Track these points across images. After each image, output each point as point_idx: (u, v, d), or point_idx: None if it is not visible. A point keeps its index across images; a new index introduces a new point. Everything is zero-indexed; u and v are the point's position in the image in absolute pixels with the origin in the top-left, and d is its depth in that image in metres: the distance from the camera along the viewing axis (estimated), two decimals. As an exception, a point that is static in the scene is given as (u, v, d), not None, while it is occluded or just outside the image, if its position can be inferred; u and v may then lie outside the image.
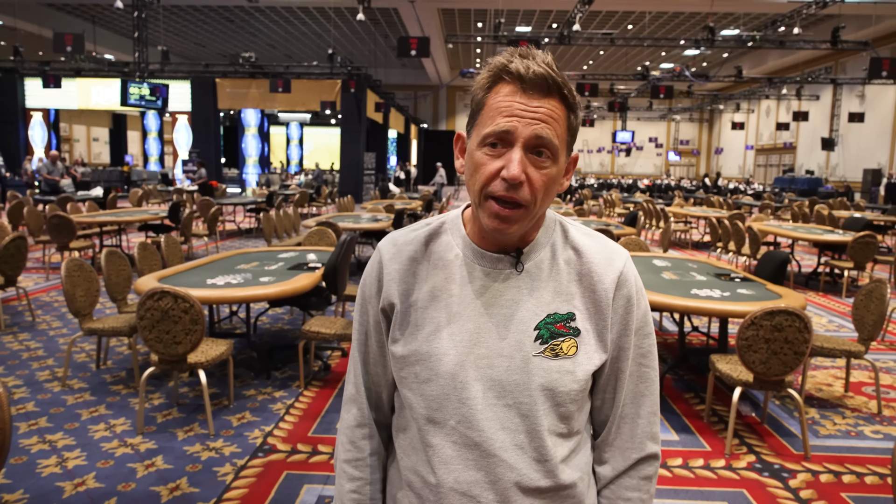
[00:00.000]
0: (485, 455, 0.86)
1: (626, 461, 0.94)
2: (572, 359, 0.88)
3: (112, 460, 2.69)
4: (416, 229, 0.97)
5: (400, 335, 0.91)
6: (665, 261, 4.60)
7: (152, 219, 7.73)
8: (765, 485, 2.61)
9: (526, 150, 0.82)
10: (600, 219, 9.98)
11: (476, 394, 0.86)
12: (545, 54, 0.83)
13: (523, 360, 0.87)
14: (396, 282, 0.92)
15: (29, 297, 5.22)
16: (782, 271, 3.96)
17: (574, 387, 0.88)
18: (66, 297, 3.44)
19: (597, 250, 0.92)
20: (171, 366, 2.96)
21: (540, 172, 0.83)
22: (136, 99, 15.08)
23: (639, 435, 0.95)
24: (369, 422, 0.98)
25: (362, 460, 0.98)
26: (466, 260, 0.91)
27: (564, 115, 0.85)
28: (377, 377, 0.98)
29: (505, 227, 0.83)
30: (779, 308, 2.74)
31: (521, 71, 0.81)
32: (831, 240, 6.87)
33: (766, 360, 2.80)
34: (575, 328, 0.89)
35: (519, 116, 0.81)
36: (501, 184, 0.81)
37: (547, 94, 0.82)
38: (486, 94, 0.85)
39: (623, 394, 0.94)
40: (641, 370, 0.94)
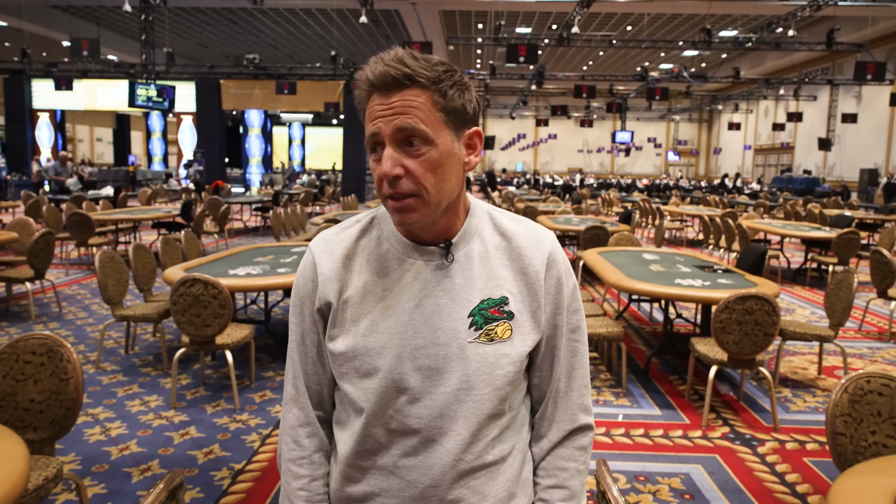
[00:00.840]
0: (423, 441, 0.89)
1: (560, 433, 0.98)
2: (508, 342, 0.90)
3: (150, 430, 3.00)
4: (347, 227, 0.98)
5: (337, 332, 0.92)
6: (654, 255, 4.91)
7: (165, 217, 8.04)
8: (736, 451, 2.92)
9: (396, 144, 0.84)
10: (597, 217, 10.28)
11: (414, 384, 0.88)
12: (397, 49, 0.85)
13: (459, 348, 0.89)
14: (331, 280, 0.93)
15: (56, 290, 5.54)
16: (761, 263, 4.26)
17: (511, 369, 0.90)
18: (100, 286, 3.74)
19: (524, 234, 0.95)
20: (200, 347, 3.26)
21: (417, 160, 0.84)
22: (143, 100, 15.38)
23: (571, 407, 0.98)
24: (312, 420, 0.99)
25: (307, 458, 0.99)
26: (397, 253, 0.93)
27: (427, 98, 0.84)
28: (316, 376, 0.99)
29: (405, 218, 0.85)
30: (749, 293, 3.04)
31: (369, 76, 0.84)
32: (817, 236, 7.18)
33: (739, 341, 3.10)
34: (509, 311, 0.91)
35: (381, 116, 0.84)
36: (385, 184, 0.84)
37: (400, 88, 0.83)
38: (365, 110, 0.88)
39: (559, 370, 0.97)
40: (572, 345, 0.97)
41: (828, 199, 15.83)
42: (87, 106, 21.46)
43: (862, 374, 1.87)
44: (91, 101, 21.07)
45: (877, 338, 4.95)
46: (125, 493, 2.44)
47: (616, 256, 4.74)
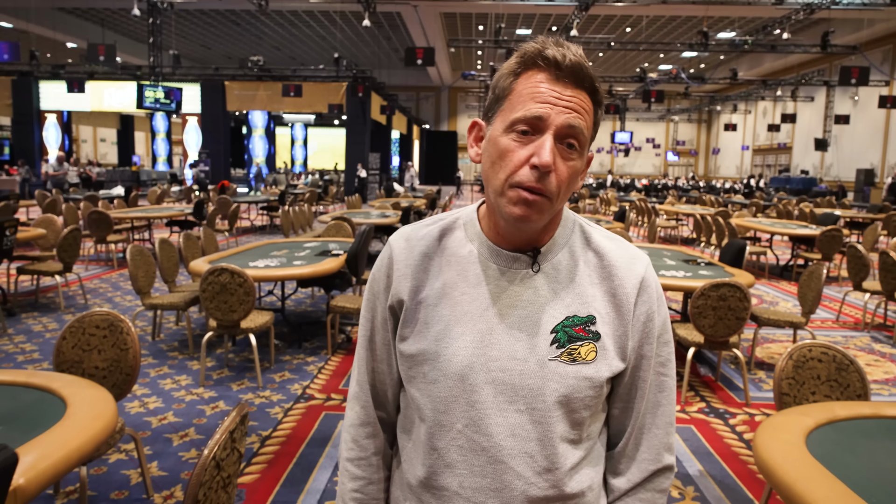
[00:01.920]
0: (492, 461, 0.83)
1: (641, 473, 0.91)
2: (591, 364, 0.84)
3: (183, 403, 3.33)
4: (429, 224, 0.95)
5: (408, 333, 0.89)
6: (643, 249, 5.24)
7: (178, 215, 8.38)
8: (710, 423, 3.25)
9: (556, 139, 0.80)
10: (594, 215, 10.60)
11: (486, 397, 0.83)
12: (577, 46, 0.82)
13: (538, 365, 0.83)
14: (407, 278, 0.90)
15: (83, 283, 5.88)
16: (740, 257, 4.60)
17: (590, 393, 0.84)
18: (131, 277, 4.08)
19: (618, 253, 0.89)
20: (227, 330, 3.60)
21: (566, 164, 0.81)
22: (151, 102, 15.75)
23: (656, 446, 0.91)
24: (373, 420, 0.96)
25: (365, 459, 0.96)
26: (481, 257, 0.88)
27: (592, 110, 0.83)
28: (382, 375, 0.95)
29: (529, 214, 0.80)
30: (723, 282, 3.38)
31: (558, 58, 0.79)
32: (803, 234, 7.51)
33: (714, 325, 3.44)
34: (595, 332, 0.85)
35: (552, 104, 0.79)
36: (530, 172, 0.79)
37: (580, 85, 0.81)
38: (516, 80, 0.82)
39: (642, 404, 0.90)
40: (660, 379, 0.91)
41: (822, 199, 16.15)
42: (94, 107, 21.80)
43: (805, 345, 2.20)
44: (98, 102, 21.41)
45: (852, 327, 5.29)
46: (168, 453, 2.77)
47: (607, 251, 5.07)
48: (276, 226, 12.04)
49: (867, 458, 1.51)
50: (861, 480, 1.38)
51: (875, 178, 22.55)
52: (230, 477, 1.44)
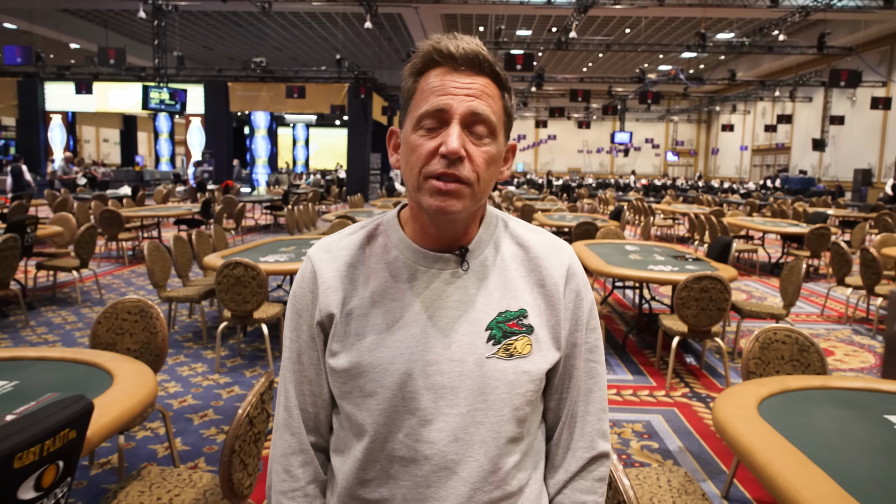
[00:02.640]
0: (436, 469, 0.81)
1: (577, 462, 0.90)
2: (527, 358, 0.84)
3: (201, 388, 3.57)
4: (350, 233, 0.92)
5: (340, 347, 0.85)
6: (635, 246, 5.48)
7: (186, 214, 8.62)
8: (691, 406, 3.48)
9: (463, 126, 0.79)
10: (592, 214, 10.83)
11: (426, 403, 0.81)
12: (473, 36, 0.82)
13: (476, 364, 0.82)
14: (334, 290, 0.86)
15: (98, 278, 6.12)
16: (726, 252, 4.83)
17: (531, 387, 0.84)
18: (148, 271, 4.32)
19: (542, 244, 0.90)
20: (240, 320, 3.84)
21: (480, 149, 0.80)
22: (156, 103, 15.99)
23: (589, 433, 0.91)
24: (306, 447, 0.91)
25: (300, 490, 0.90)
26: (407, 261, 0.86)
27: (498, 94, 0.83)
28: (313, 397, 0.90)
29: (449, 203, 0.79)
30: (705, 274, 3.61)
31: (452, 49, 0.79)
32: (793, 232, 7.74)
33: (697, 315, 3.67)
34: (528, 325, 0.85)
35: (453, 94, 0.79)
36: (441, 161, 0.78)
37: (479, 72, 0.80)
38: (417, 80, 0.82)
39: (575, 392, 0.90)
40: (590, 366, 0.91)
41: (817, 199, 16.38)
42: (99, 108, 22.07)
43: (771, 328, 2.44)
44: (103, 103, 21.67)
45: (835, 321, 5.52)
46: (189, 431, 3.01)
47: (601, 248, 5.30)
48: (279, 225, 12.28)
49: (810, 420, 1.74)
50: (801, 437, 1.61)
51: (872, 178, 22.74)
52: (260, 433, 1.68)
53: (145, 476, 1.81)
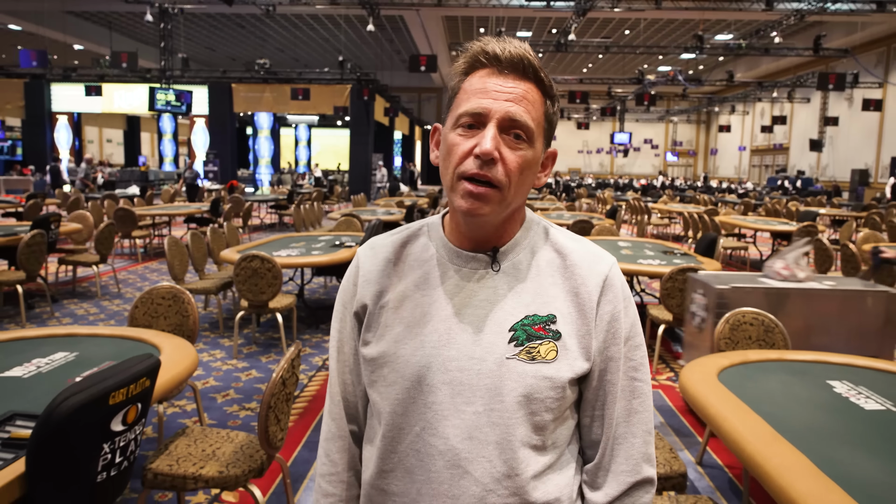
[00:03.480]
0: (449, 466, 0.82)
1: (619, 486, 0.87)
2: (551, 364, 0.82)
3: (221, 372, 3.86)
4: (395, 232, 0.96)
5: (371, 337, 0.89)
6: (627, 243, 5.76)
7: (196, 212, 8.91)
8: (674, 387, 3.77)
9: (500, 129, 0.80)
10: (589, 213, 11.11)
11: (442, 398, 0.82)
12: (522, 41, 0.83)
13: (496, 363, 0.82)
14: (371, 283, 0.90)
15: (116, 273, 6.42)
16: (712, 247, 5.11)
17: (551, 394, 0.82)
18: (168, 265, 4.60)
19: (581, 253, 0.89)
20: (257, 310, 4.12)
21: (515, 153, 0.81)
22: (162, 104, 16.30)
23: (634, 457, 0.88)
24: (344, 434, 0.94)
25: (336, 475, 0.94)
26: (441, 259, 0.89)
27: (541, 100, 0.84)
28: (352, 386, 0.94)
29: (477, 206, 0.81)
30: (687, 266, 3.89)
31: (497, 51, 0.81)
32: (782, 230, 8.02)
33: (681, 304, 3.95)
34: (555, 331, 0.84)
35: (493, 97, 0.80)
36: (474, 161, 0.80)
37: (523, 76, 0.82)
38: (463, 80, 0.85)
39: (615, 410, 0.87)
40: (634, 384, 0.88)
41: (812, 199, 16.65)
42: (105, 109, 22.36)
43: (739, 311, 2.72)
44: (108, 104, 21.96)
45: (818, 313, 5.80)
46: (214, 408, 3.30)
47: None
48: (284, 223, 12.57)
49: (762, 384, 2.03)
50: (752, 397, 1.89)
51: (869, 179, 22.97)
52: (290, 393, 1.97)
53: (189, 433, 2.10)
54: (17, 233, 5.38)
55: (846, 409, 1.82)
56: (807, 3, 15.36)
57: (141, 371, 1.46)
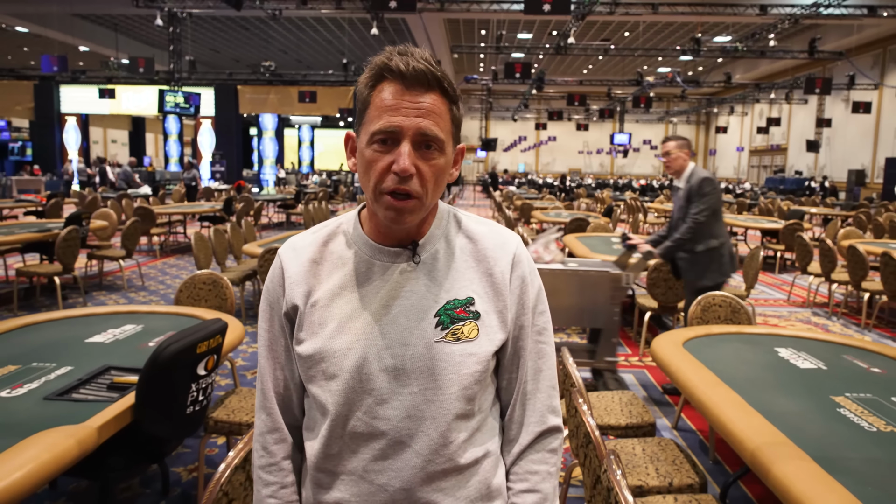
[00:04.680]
0: (391, 443, 0.90)
1: (530, 436, 0.98)
2: (474, 341, 0.91)
3: (247, 353, 4.26)
4: (314, 232, 1.00)
5: (304, 335, 0.93)
6: (619, 238, 6.14)
7: (210, 211, 9.31)
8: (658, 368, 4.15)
9: (413, 144, 0.85)
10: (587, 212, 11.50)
11: (381, 384, 0.90)
12: (423, 51, 0.86)
13: (426, 347, 0.90)
14: (298, 284, 0.94)
15: (140, 266, 6.82)
16: (697, 243, 5.49)
17: (478, 368, 0.91)
18: (195, 257, 5.00)
19: (490, 236, 0.97)
20: (278, 298, 4.52)
21: (429, 164, 0.87)
22: (171, 106, 16.70)
23: (539, 409, 0.99)
24: (280, 426, 1.00)
25: (275, 465, 0.99)
26: (364, 256, 0.94)
27: (447, 108, 0.88)
28: (285, 381, 0.99)
29: (401, 218, 0.88)
30: (671, 258, 4.28)
31: (402, 68, 0.85)
32: (770, 227, 8.40)
33: (665, 293, 4.34)
34: (475, 311, 0.93)
35: (403, 114, 0.85)
36: (393, 178, 0.86)
37: (428, 89, 0.86)
38: (371, 93, 0.88)
39: (525, 371, 0.98)
40: (539, 346, 0.98)
41: (805, 199, 17.04)
42: (113, 110, 22.77)
43: (710, 295, 3.10)
44: (116, 105, 22.37)
45: (798, 305, 6.19)
46: (245, 382, 3.70)
47: (588, 239, 5.98)
48: (291, 222, 12.97)
49: (718, 350, 2.41)
50: (708, 359, 2.27)
51: (865, 179, 23.29)
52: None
53: (238, 392, 2.49)
54: (50, 229, 5.78)
55: (784, 367, 2.21)
56: (800, 9, 15.74)
57: (216, 329, 1.85)
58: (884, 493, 1.32)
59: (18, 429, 1.52)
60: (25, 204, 9.77)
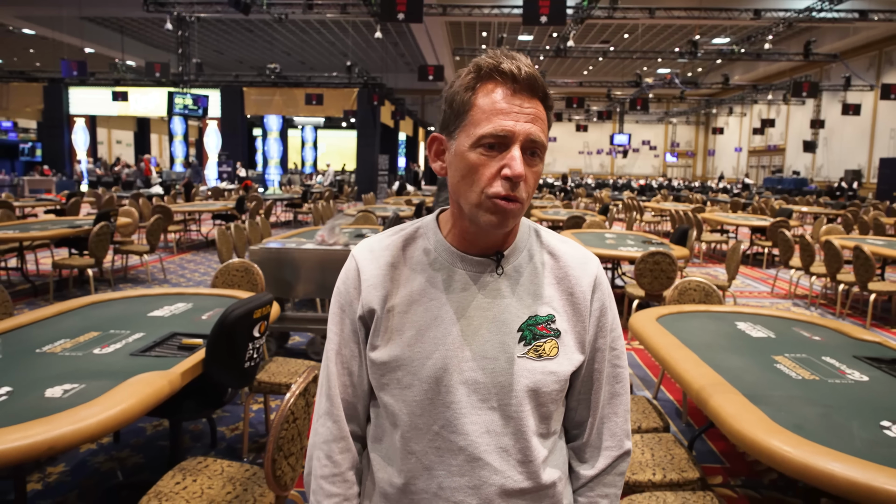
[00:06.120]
0: (469, 460, 0.88)
1: (606, 460, 0.99)
2: (554, 359, 0.90)
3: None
4: (391, 234, 0.97)
5: (380, 341, 0.91)
6: (613, 235, 6.55)
7: (223, 209, 9.73)
8: (643, 350, 4.56)
9: (522, 149, 0.84)
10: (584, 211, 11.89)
11: (460, 397, 0.88)
12: (527, 57, 0.86)
13: (508, 362, 0.88)
14: (376, 287, 0.92)
15: (162, 261, 7.23)
16: (684, 237, 5.90)
17: (556, 387, 0.91)
18: (218, 251, 5.41)
19: (572, 255, 0.97)
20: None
21: (532, 171, 0.86)
22: (180, 108, 17.13)
23: (617, 434, 0.99)
24: (346, 435, 0.97)
25: (340, 475, 0.96)
26: (445, 263, 0.93)
27: (545, 115, 0.88)
28: (353, 388, 0.97)
29: (505, 222, 0.86)
30: (657, 251, 4.69)
31: (515, 72, 0.84)
32: (758, 225, 8.80)
33: (651, 282, 4.74)
34: (556, 329, 0.91)
35: (514, 118, 0.84)
36: (503, 183, 0.84)
37: (535, 95, 0.86)
38: (474, 94, 0.86)
39: (601, 395, 0.97)
40: (616, 370, 0.99)
41: (800, 198, 17.43)
42: (121, 112, 23.20)
43: (686, 280, 3.51)
44: (125, 107, 22.80)
45: (781, 297, 6.59)
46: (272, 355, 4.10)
47: (584, 235, 6.39)
48: (298, 220, 13.38)
49: (686, 324, 2.82)
50: (676, 330, 2.67)
51: (862, 179, 23.63)
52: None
53: (276, 360, 2.90)
54: (80, 225, 6.20)
55: (739, 336, 2.61)
56: (793, 13, 16.13)
57: (266, 300, 2.26)
58: (792, 416, 1.72)
59: (117, 375, 1.92)
60: (45, 203, 10.19)
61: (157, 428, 3.07)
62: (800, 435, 1.56)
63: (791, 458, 1.47)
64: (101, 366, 2.03)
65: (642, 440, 2.12)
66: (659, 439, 2.12)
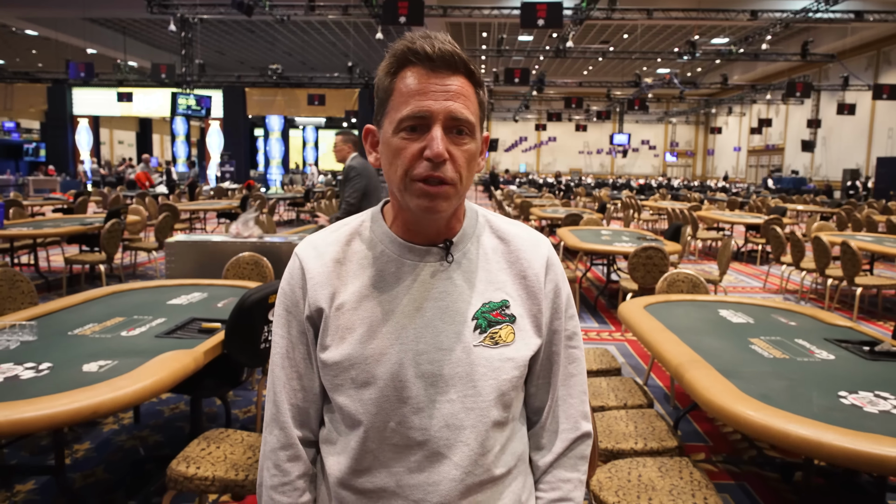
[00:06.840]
0: (428, 455, 0.85)
1: (563, 443, 0.96)
2: (511, 345, 0.88)
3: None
4: (335, 230, 0.94)
5: (331, 341, 0.88)
6: (609, 231, 6.74)
7: (227, 208, 9.92)
8: (637, 342, 4.74)
9: (444, 129, 0.82)
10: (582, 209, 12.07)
11: (418, 392, 0.85)
12: (445, 34, 0.83)
13: (464, 352, 0.86)
14: (322, 285, 0.89)
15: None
16: (677, 234, 6.09)
17: (515, 373, 0.88)
18: (226, 247, 5.59)
19: (522, 237, 0.94)
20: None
21: (461, 149, 0.83)
22: (184, 109, 17.32)
23: (573, 415, 0.97)
24: (294, 442, 0.93)
25: (290, 484, 0.93)
26: (393, 255, 0.90)
27: (473, 91, 0.85)
28: (304, 392, 0.93)
29: (435, 205, 0.83)
30: (649, 246, 4.87)
31: (428, 50, 0.81)
32: (752, 222, 8.98)
33: (644, 276, 4.93)
34: (510, 315, 0.89)
35: (432, 97, 0.81)
36: (425, 164, 0.81)
37: (455, 72, 0.83)
38: (393, 80, 0.84)
39: (557, 378, 0.96)
40: (569, 351, 0.96)
41: (797, 197, 17.61)
42: (124, 112, 23.41)
43: (674, 272, 3.69)
44: (128, 107, 23.00)
45: (772, 291, 6.77)
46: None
47: (580, 232, 6.57)
48: (301, 219, 13.56)
49: (671, 312, 3.00)
50: (662, 316, 2.85)
51: (860, 178, 23.79)
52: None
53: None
54: (91, 223, 6.38)
55: (720, 322, 2.80)
56: (790, 13, 16.31)
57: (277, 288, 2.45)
58: (760, 387, 1.90)
59: (145, 353, 2.10)
60: (53, 202, 10.39)
61: (174, 410, 3.25)
62: (765, 403, 1.74)
63: (754, 421, 1.65)
64: (129, 346, 2.21)
65: (627, 415, 2.30)
66: (643, 414, 2.30)
